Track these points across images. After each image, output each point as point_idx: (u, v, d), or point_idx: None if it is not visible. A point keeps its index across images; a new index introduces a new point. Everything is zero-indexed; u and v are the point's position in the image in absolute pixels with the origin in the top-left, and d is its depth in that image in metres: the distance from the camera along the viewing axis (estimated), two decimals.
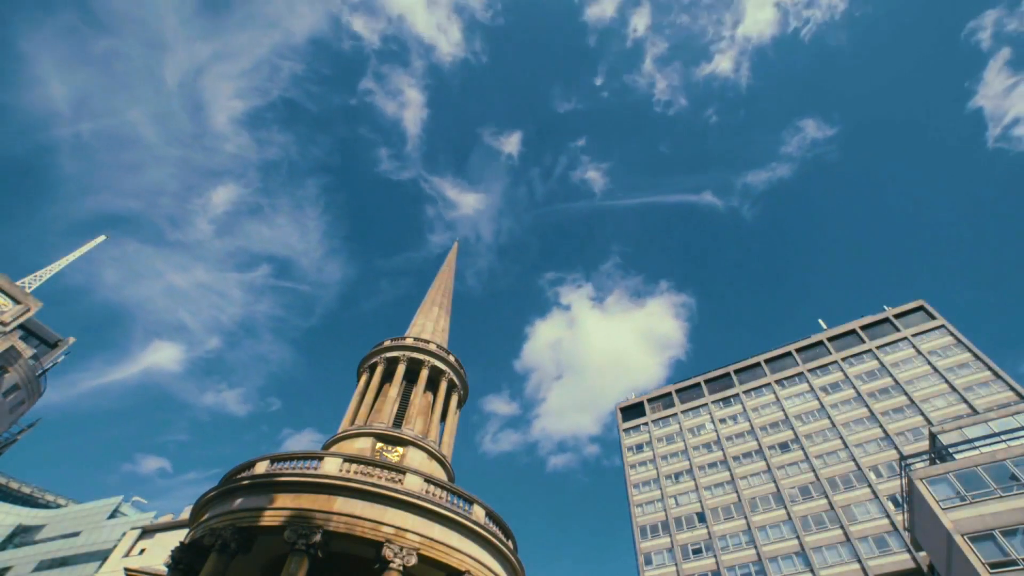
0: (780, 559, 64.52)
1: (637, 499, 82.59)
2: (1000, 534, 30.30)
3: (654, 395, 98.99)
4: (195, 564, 21.51)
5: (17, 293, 61.71)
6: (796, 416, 79.91)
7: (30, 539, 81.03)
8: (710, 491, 77.26)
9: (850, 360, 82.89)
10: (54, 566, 71.83)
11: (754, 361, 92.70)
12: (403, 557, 18.98)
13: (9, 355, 57.99)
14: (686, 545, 72.17)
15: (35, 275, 75.49)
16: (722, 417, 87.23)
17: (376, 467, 21.71)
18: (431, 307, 41.33)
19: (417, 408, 30.74)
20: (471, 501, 22.92)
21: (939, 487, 34.77)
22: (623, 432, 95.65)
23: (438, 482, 22.31)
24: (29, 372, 61.95)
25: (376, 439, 27.94)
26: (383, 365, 32.71)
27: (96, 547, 70.45)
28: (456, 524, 21.36)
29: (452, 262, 49.47)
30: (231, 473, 23.23)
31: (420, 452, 28.35)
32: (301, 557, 18.24)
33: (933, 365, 73.65)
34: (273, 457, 22.37)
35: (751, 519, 70.20)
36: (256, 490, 20.87)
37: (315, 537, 18.56)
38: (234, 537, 19.59)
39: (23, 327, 62.92)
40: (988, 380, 67.69)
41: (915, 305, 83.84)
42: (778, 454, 76.49)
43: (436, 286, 44.92)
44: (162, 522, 64.31)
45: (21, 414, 65.47)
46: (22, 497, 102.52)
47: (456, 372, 34.77)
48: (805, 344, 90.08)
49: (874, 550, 59.77)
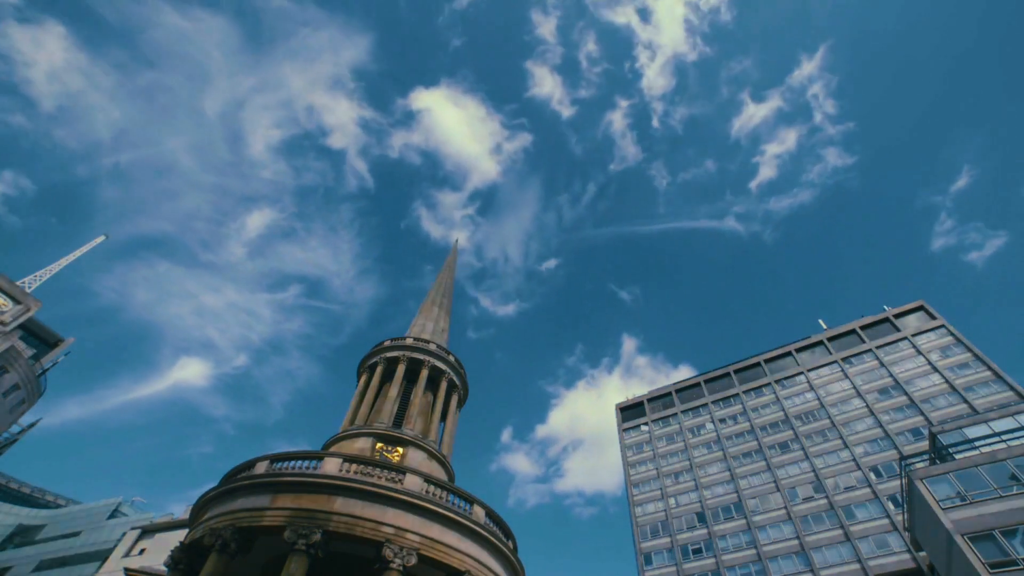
0: (780, 559, 64.51)
1: (637, 499, 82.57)
2: (1000, 534, 30.28)
3: (654, 395, 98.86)
4: (195, 564, 21.49)
5: (17, 293, 61.66)
6: (796, 416, 79.88)
7: (30, 539, 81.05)
8: (710, 490, 77.24)
9: (850, 360, 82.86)
10: (54, 566, 71.85)
11: (754, 361, 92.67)
12: (403, 557, 18.97)
13: (9, 355, 57.95)
14: (686, 545, 72.16)
15: (35, 275, 75.47)
16: (722, 417, 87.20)
17: (376, 467, 21.67)
18: (431, 307, 41.14)
19: (417, 408, 30.67)
20: (471, 501, 22.87)
21: (939, 487, 34.75)
22: (623, 432, 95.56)
23: (438, 482, 22.27)
24: (29, 372, 61.91)
25: (376, 439, 27.89)
26: (383, 365, 32.62)
27: (96, 547, 70.49)
28: (456, 524, 21.32)
29: (452, 262, 49.29)
30: (231, 473, 23.18)
31: (420, 452, 28.31)
32: (301, 557, 18.22)
33: (933, 365, 73.59)
34: (273, 457, 22.32)
35: (751, 519, 70.18)
36: (256, 490, 20.83)
37: (315, 537, 18.54)
38: (234, 537, 19.57)
39: (23, 327, 62.87)
40: (988, 380, 67.63)
41: (915, 305, 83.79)
42: (778, 454, 76.47)
43: (436, 286, 44.60)
44: (162, 522, 64.30)
45: (21, 414, 65.48)
46: (22, 497, 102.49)
47: (456, 372, 34.67)
48: (805, 344, 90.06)
49: (874, 550, 59.76)
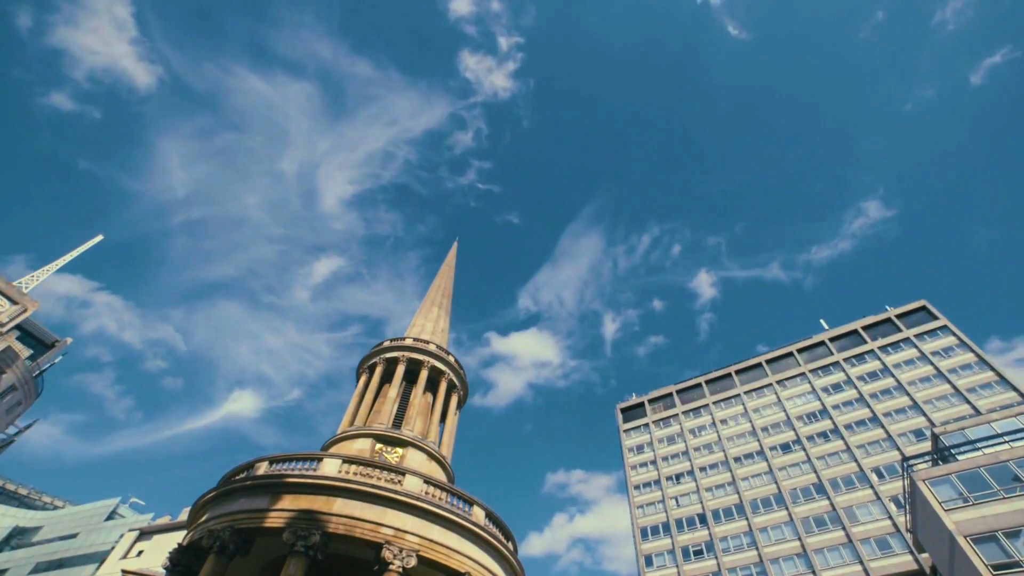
0: (782, 560, 64.26)
1: (638, 500, 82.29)
2: (1003, 536, 30.04)
3: (655, 396, 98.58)
4: (193, 566, 21.36)
5: (14, 294, 61.41)
6: (798, 417, 79.67)
7: (27, 541, 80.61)
8: (711, 492, 76.98)
9: (852, 360, 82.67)
10: (51, 568, 71.43)
11: (755, 361, 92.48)
12: (402, 559, 18.80)
13: (6, 356, 57.71)
14: (687, 546, 71.88)
15: (31, 275, 75.23)
16: (723, 418, 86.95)
17: (375, 468, 21.51)
18: (431, 307, 40.92)
19: (417, 409, 30.48)
20: (471, 502, 22.71)
21: (941, 488, 34.52)
22: (623, 433, 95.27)
23: (438, 483, 22.10)
24: (26, 373, 61.67)
25: (375, 440, 27.69)
26: (382, 366, 32.41)
27: (94, 549, 70.09)
28: (456, 525, 21.16)
29: (451, 263, 49.09)
30: (230, 474, 23.01)
31: (420, 453, 28.13)
32: (300, 559, 18.08)
33: (936, 366, 73.40)
34: (272, 458, 22.16)
35: (752, 520, 69.92)
36: (255, 491, 20.67)
37: (314, 538, 18.39)
38: (233, 538, 19.44)
39: (20, 328, 62.60)
40: (991, 381, 67.44)
41: (917, 305, 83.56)
42: (780, 455, 76.23)
43: (436, 286, 44.40)
44: (160, 524, 64.03)
45: (18, 415, 65.23)
46: (19, 498, 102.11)
47: (456, 372, 34.46)
48: (807, 344, 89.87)
49: (876, 552, 59.54)
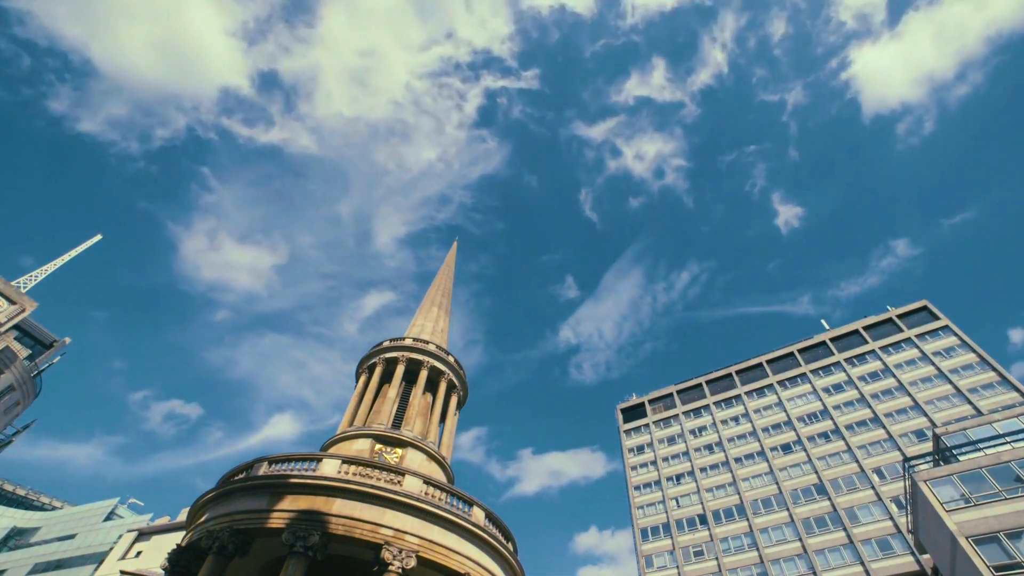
0: (782, 561, 64.11)
1: (638, 501, 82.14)
2: (1005, 536, 29.88)
3: (655, 396, 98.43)
4: (192, 567, 21.22)
5: (12, 293, 61.21)
6: (799, 417, 79.54)
7: (25, 541, 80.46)
8: (712, 493, 76.83)
9: (853, 361, 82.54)
10: (49, 569, 71.25)
11: (756, 362, 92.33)
12: (402, 559, 18.68)
13: (4, 356, 57.52)
14: (687, 547, 71.73)
15: (30, 275, 75.05)
16: (724, 418, 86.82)
17: (375, 468, 21.39)
18: (430, 307, 40.77)
19: (416, 409, 30.35)
20: (471, 503, 22.60)
21: (943, 489, 34.35)
22: (624, 433, 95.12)
23: (437, 484, 21.98)
24: (24, 373, 61.46)
25: (375, 440, 27.57)
26: (382, 366, 32.28)
27: (92, 549, 69.89)
28: (455, 526, 21.05)
29: (451, 262, 48.94)
30: (229, 475, 22.89)
31: (419, 453, 28.00)
32: (299, 559, 17.96)
33: (937, 366, 73.28)
34: (271, 459, 22.04)
35: (753, 521, 69.78)
36: (254, 492, 20.55)
37: (313, 539, 18.28)
38: (232, 539, 19.33)
39: (18, 327, 62.40)
40: (993, 381, 67.32)
41: (919, 305, 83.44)
42: (780, 455, 76.10)
43: (435, 286, 44.25)
44: (159, 524, 63.85)
45: (16, 415, 64.99)
46: (17, 499, 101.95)
47: (455, 373, 34.33)
48: (808, 344, 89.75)
49: (877, 552, 59.40)
